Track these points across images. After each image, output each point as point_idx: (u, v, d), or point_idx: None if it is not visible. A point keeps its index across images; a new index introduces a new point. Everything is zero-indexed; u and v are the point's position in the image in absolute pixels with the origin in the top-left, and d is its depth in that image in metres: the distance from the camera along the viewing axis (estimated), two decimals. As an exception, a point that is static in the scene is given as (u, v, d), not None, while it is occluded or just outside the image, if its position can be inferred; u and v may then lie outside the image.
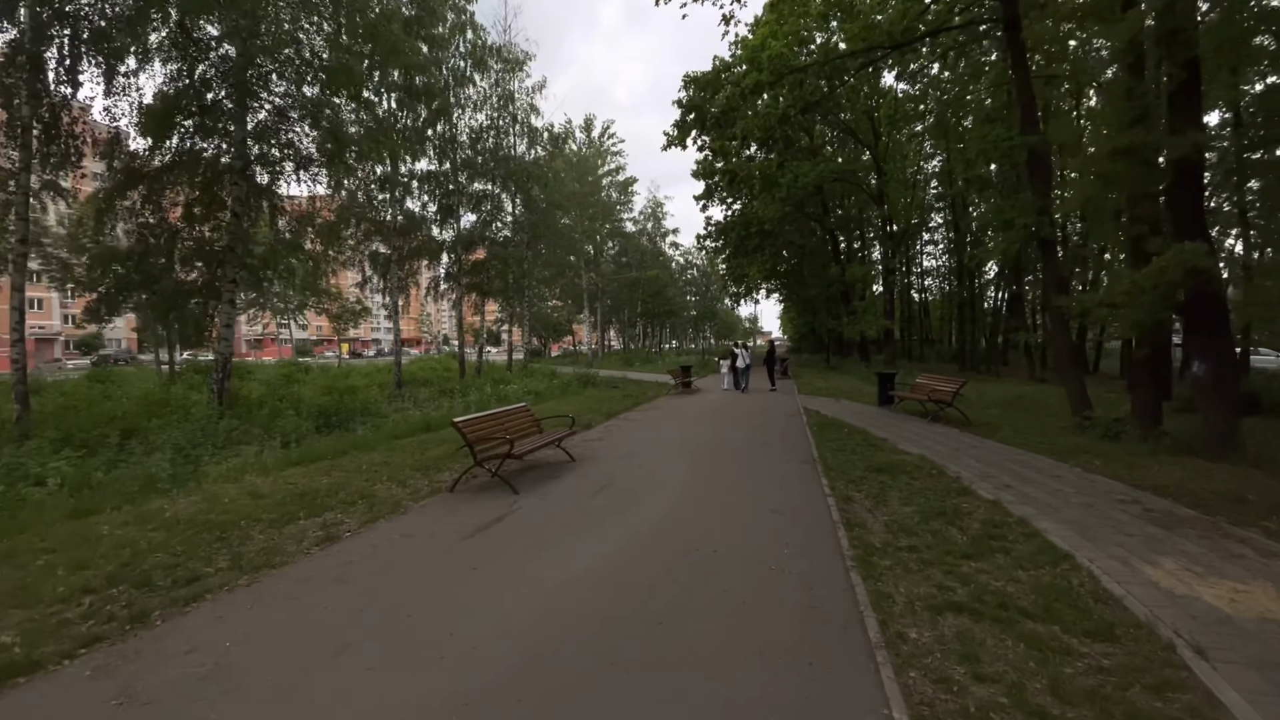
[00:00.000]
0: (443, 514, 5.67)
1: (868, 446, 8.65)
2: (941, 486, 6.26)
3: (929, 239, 42.16)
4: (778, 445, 9.13)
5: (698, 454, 8.49)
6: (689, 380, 20.12)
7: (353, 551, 4.69)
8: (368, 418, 13.68)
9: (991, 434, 9.80)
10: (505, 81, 23.96)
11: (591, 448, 9.10)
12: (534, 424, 8.04)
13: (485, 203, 24.31)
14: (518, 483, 6.75)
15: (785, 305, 58.88)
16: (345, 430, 12.20)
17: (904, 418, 11.91)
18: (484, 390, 18.07)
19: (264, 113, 13.48)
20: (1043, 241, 10.88)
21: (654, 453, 8.62)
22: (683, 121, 13.38)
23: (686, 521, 5.29)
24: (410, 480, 7.01)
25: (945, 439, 9.34)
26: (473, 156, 23.67)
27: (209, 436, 10.17)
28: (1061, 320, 10.78)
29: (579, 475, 7.22)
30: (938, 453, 8.10)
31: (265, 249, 14.90)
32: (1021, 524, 4.93)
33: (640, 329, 56.05)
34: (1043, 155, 11.10)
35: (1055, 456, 7.80)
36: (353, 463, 8.14)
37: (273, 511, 5.68)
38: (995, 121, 16.50)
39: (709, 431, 10.64)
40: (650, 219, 50.41)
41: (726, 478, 7.01)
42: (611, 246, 48.14)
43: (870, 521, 5.15)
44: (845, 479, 6.70)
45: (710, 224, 33.22)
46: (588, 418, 12.25)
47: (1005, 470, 6.99)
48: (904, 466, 7.16)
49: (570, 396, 17.87)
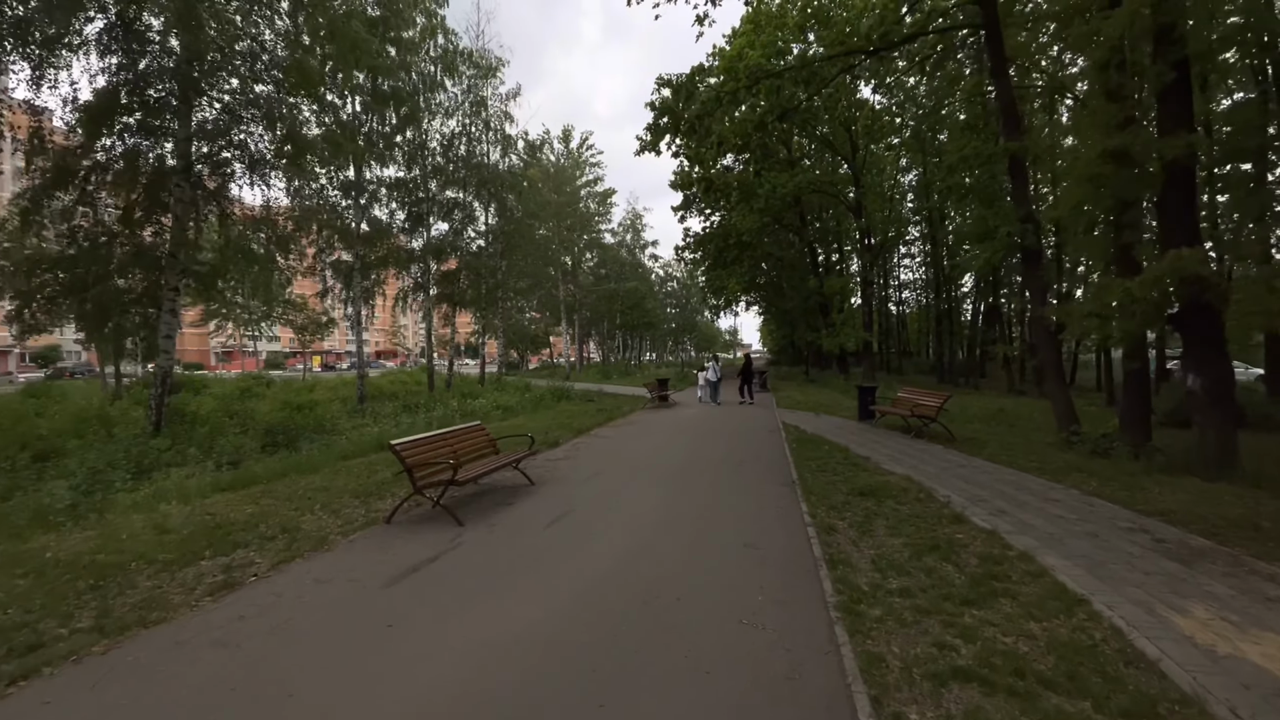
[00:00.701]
0: (371, 551, 4.94)
1: (850, 466, 8.11)
2: (931, 513, 5.71)
3: (906, 252, 42.53)
4: (754, 465, 8.54)
5: (668, 475, 7.85)
6: (666, 394, 19.54)
7: (251, 602, 3.95)
8: (321, 436, 12.81)
9: (978, 451, 9.34)
10: (478, 88, 23.39)
11: (555, 468, 8.42)
12: (489, 444, 7.34)
13: (456, 211, 23.61)
14: (465, 512, 6.05)
15: (764, 318, 58.92)
16: (293, 450, 11.35)
17: (886, 433, 11.44)
18: (449, 405, 17.28)
19: (212, 111, 12.70)
20: (1026, 250, 10.55)
21: (621, 474, 7.97)
22: (656, 125, 12.89)
23: (649, 559, 4.64)
24: (346, 509, 6.26)
25: (930, 457, 8.85)
26: (444, 164, 23.00)
27: (135, 458, 9.27)
28: (1047, 331, 10.42)
29: (536, 501, 6.53)
30: (924, 473, 7.58)
31: (216, 256, 13.99)
32: (1024, 559, 4.38)
33: (619, 341, 55.40)
34: (1024, 162, 10.83)
35: (1047, 476, 7.33)
36: (288, 488, 7.36)
37: (174, 550, 4.91)
38: (975, 129, 16.34)
39: (683, 449, 10.02)
40: (629, 230, 50.10)
41: (698, 503, 6.38)
42: (590, 258, 47.63)
43: (856, 557, 4.56)
44: (827, 504, 6.12)
45: (688, 235, 32.85)
46: (556, 434, 11.57)
47: (997, 493, 6.48)
48: (889, 489, 6.61)
49: (542, 411, 17.14)
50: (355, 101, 17.85)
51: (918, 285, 45.88)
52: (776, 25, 22.28)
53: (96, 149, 11.72)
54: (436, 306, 23.54)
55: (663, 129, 12.83)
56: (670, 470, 8.20)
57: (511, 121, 25.46)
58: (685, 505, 6.30)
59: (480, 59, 23.25)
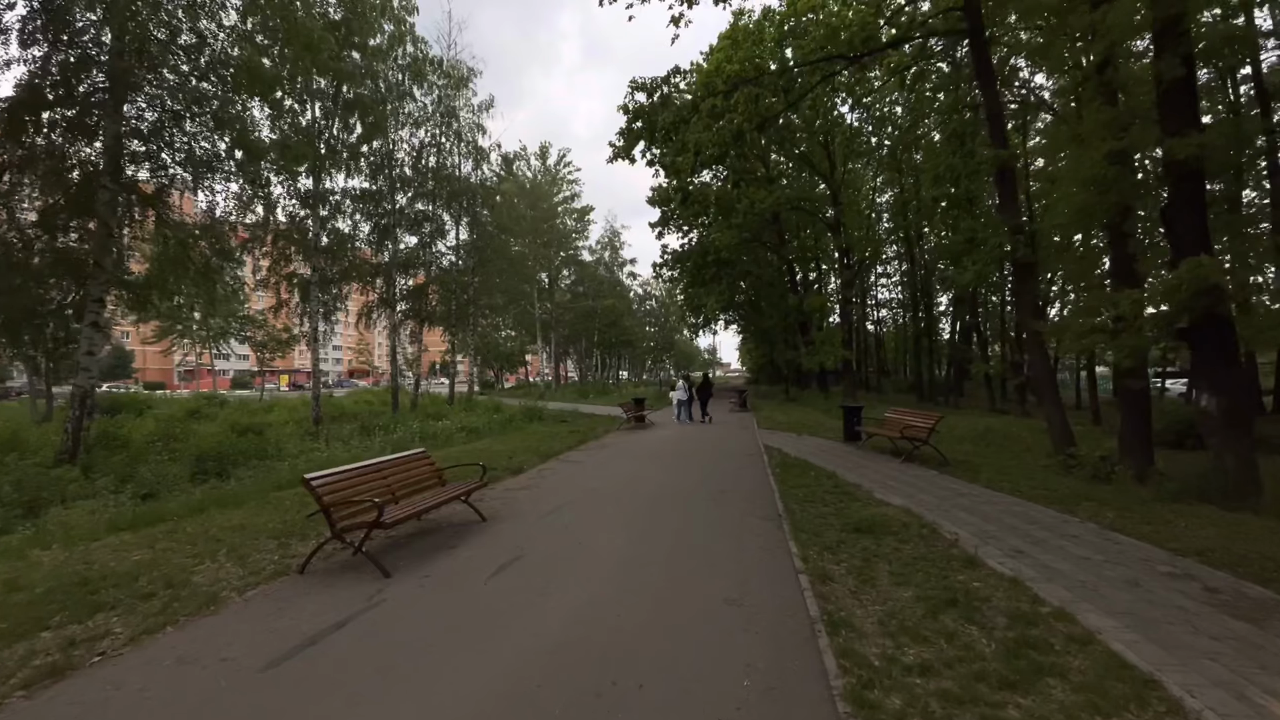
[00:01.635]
0: (266, 615, 3.99)
1: (840, 495, 7.34)
2: (939, 555, 4.95)
3: (882, 271, 42.63)
4: (736, 494, 7.73)
5: (640, 507, 7.00)
6: (642, 414, 18.69)
7: (76, 698, 2.99)
8: (263, 462, 11.68)
9: (974, 476, 8.67)
10: (449, 98, 22.69)
11: (514, 500, 7.50)
12: (434, 475, 6.42)
13: (426, 224, 22.71)
14: (397, 557, 5.12)
15: (743, 337, 58.64)
16: (226, 479, 10.24)
17: (874, 456, 10.74)
18: (411, 427, 16.21)
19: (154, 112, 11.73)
20: (1017, 263, 10.06)
21: (587, 507, 7.09)
22: (629, 129, 12.24)
23: (609, 623, 3.78)
24: (257, 554, 5.29)
25: (926, 484, 8.14)
26: (412, 175, 22.16)
27: (32, 491, 8.10)
28: (1040, 349, 9.90)
29: (483, 543, 5.62)
30: (923, 503, 6.85)
31: (153, 266, 12.88)
32: (1062, 618, 3.62)
33: (596, 360, 54.53)
34: (1012, 172, 10.40)
35: (1056, 506, 6.64)
36: (200, 526, 6.35)
37: (18, 614, 3.93)
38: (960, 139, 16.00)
39: (657, 476, 9.17)
40: (607, 248, 49.60)
41: (671, 542, 5.53)
42: (567, 275, 46.93)
43: (860, 617, 3.76)
44: (819, 544, 5.32)
45: (666, 252, 32.38)
46: (521, 460, 10.64)
47: (1008, 528, 5.77)
48: (888, 524, 5.85)
49: (510, 433, 16.17)
50: (315, 107, 16.98)
51: (894, 304, 46.08)
52: (754, 41, 22.12)
53: (16, 146, 10.66)
54: (403, 323, 22.49)
55: (636, 134, 12.19)
56: (642, 501, 7.34)
57: (484, 133, 24.80)
58: (657, 545, 5.45)
59: (451, 69, 22.60)
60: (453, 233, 24.93)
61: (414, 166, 22.36)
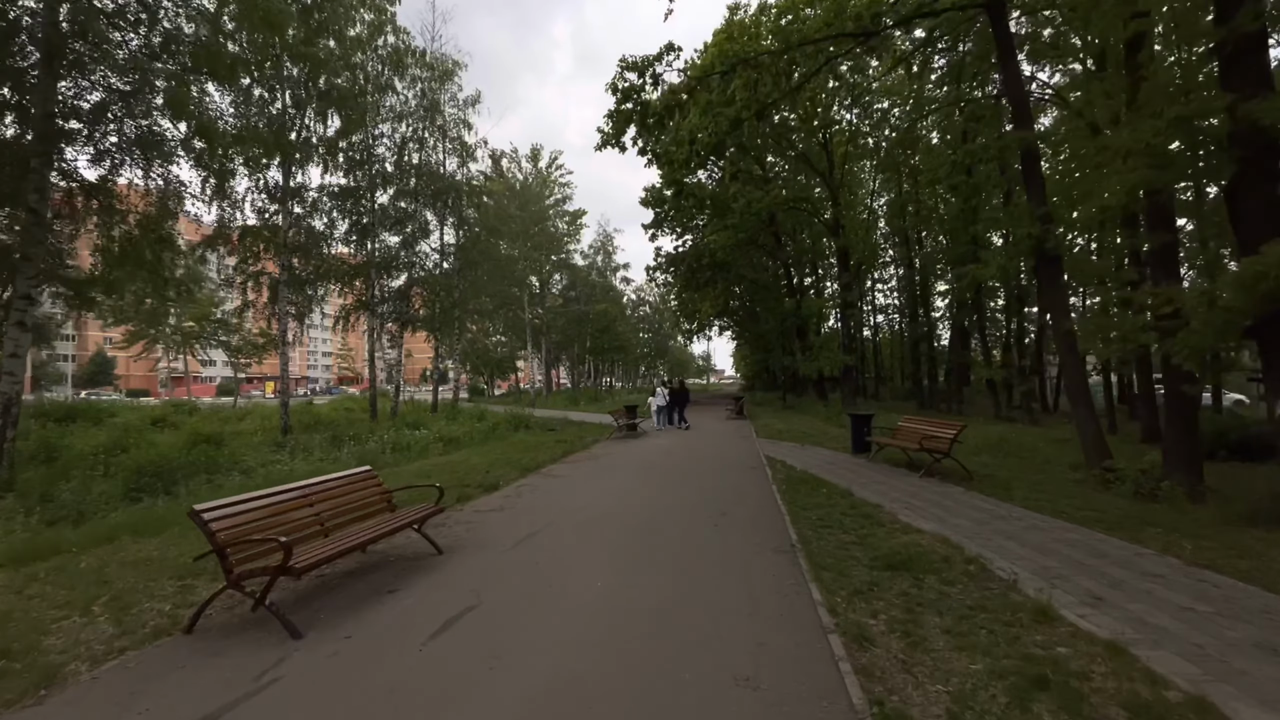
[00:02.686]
0: (109, 706, 2.93)
1: (861, 519, 6.33)
2: (998, 601, 3.95)
3: (879, 276, 41.83)
4: (739, 517, 6.70)
5: (627, 535, 5.96)
6: (635, 422, 17.66)
7: None
8: (212, 477, 10.55)
9: (1006, 494, 7.69)
10: (432, 91, 21.71)
11: (480, 525, 6.45)
12: (380, 499, 5.36)
13: (409, 223, 21.66)
14: (320, 607, 4.07)
15: (738, 343, 57.74)
16: (166, 496, 9.12)
17: (888, 470, 9.75)
18: (385, 436, 15.10)
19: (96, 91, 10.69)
20: (1044, 256, 9.13)
21: (565, 534, 6.05)
22: (618, 111, 11.22)
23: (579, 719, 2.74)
24: (146, 601, 4.23)
25: (954, 503, 7.15)
26: (393, 172, 21.13)
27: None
28: (1071, 351, 8.96)
29: (432, 585, 4.56)
30: (958, 529, 5.86)
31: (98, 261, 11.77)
32: (1202, 709, 2.62)
33: (588, 366, 53.44)
34: (1037, 156, 9.50)
35: (1118, 533, 5.66)
36: (98, 560, 5.31)
37: None
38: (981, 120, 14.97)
39: (649, 494, 8.13)
40: (600, 252, 48.63)
41: (663, 587, 4.50)
42: (559, 280, 45.91)
43: (921, 707, 2.74)
44: (847, 587, 4.31)
45: (660, 255, 31.46)
46: (499, 474, 9.59)
47: (1071, 562, 4.77)
48: (925, 558, 4.84)
49: (493, 443, 15.10)
50: (286, 96, 15.94)
51: (891, 310, 45.30)
52: (750, 37, 21.32)
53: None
54: (384, 327, 21.38)
55: (626, 115, 11.19)
56: (630, 527, 6.30)
57: (470, 130, 23.83)
58: (646, 590, 4.41)
59: (435, 61, 21.63)
60: (437, 233, 23.92)
61: (396, 163, 21.34)
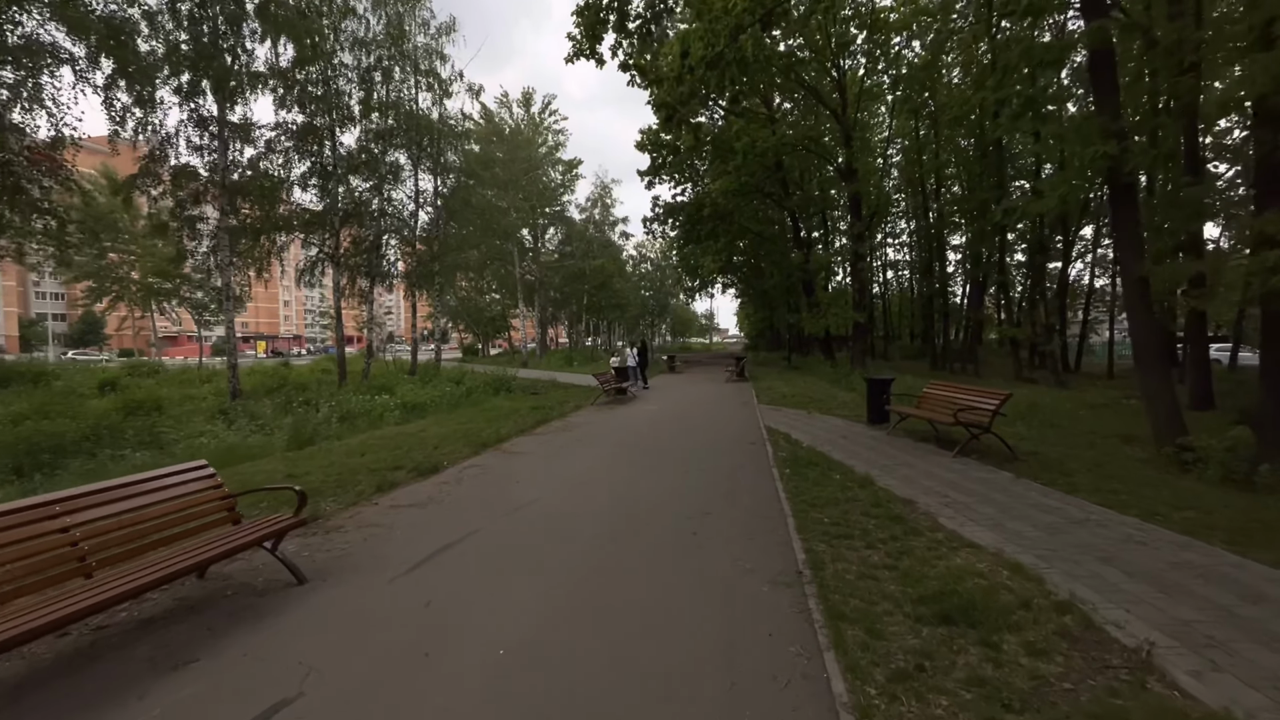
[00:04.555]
0: None
1: (889, 522, 4.77)
2: (1133, 698, 2.40)
3: (889, 230, 39.46)
4: (727, 520, 5.15)
5: (571, 554, 4.42)
6: (624, 386, 16.10)
7: None
8: (122, 451, 9.10)
9: (1067, 482, 6.11)
10: (399, 17, 19.32)
11: (384, 531, 4.91)
12: (218, 507, 3.81)
13: (378, 167, 19.63)
14: (49, 699, 2.54)
15: (742, 300, 55.71)
16: (47, 474, 7.67)
17: (911, 446, 8.18)
18: (348, 402, 13.62)
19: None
20: (1116, 184, 7.29)
21: (487, 552, 4.51)
22: (587, 6, 9.04)
23: None
24: None
25: (1005, 496, 5.58)
26: (360, 109, 18.99)
27: None
28: (1144, 302, 7.24)
29: (255, 651, 3.03)
30: (1025, 540, 4.30)
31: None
32: None
33: (585, 325, 51.68)
34: (1112, 57, 7.55)
35: (1249, 548, 4.08)
36: None
37: None
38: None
39: (618, 483, 6.58)
40: (597, 204, 46.12)
41: (597, 662, 2.96)
42: (554, 234, 43.70)
43: None
44: (885, 663, 2.75)
45: (658, 205, 29.30)
46: (447, 450, 8.08)
47: (1217, 611, 3.20)
48: (994, 601, 3.28)
49: (463, 410, 13.59)
50: (217, 10, 13.75)
51: (901, 266, 43.09)
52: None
53: None
54: (354, 282, 19.65)
55: (594, 7, 9.01)
56: (579, 539, 4.76)
57: (445, 61, 21.48)
58: (575, 663, 2.87)
59: (400, -20, 19.16)
60: (412, 179, 21.87)
61: (364, 101, 19.15)
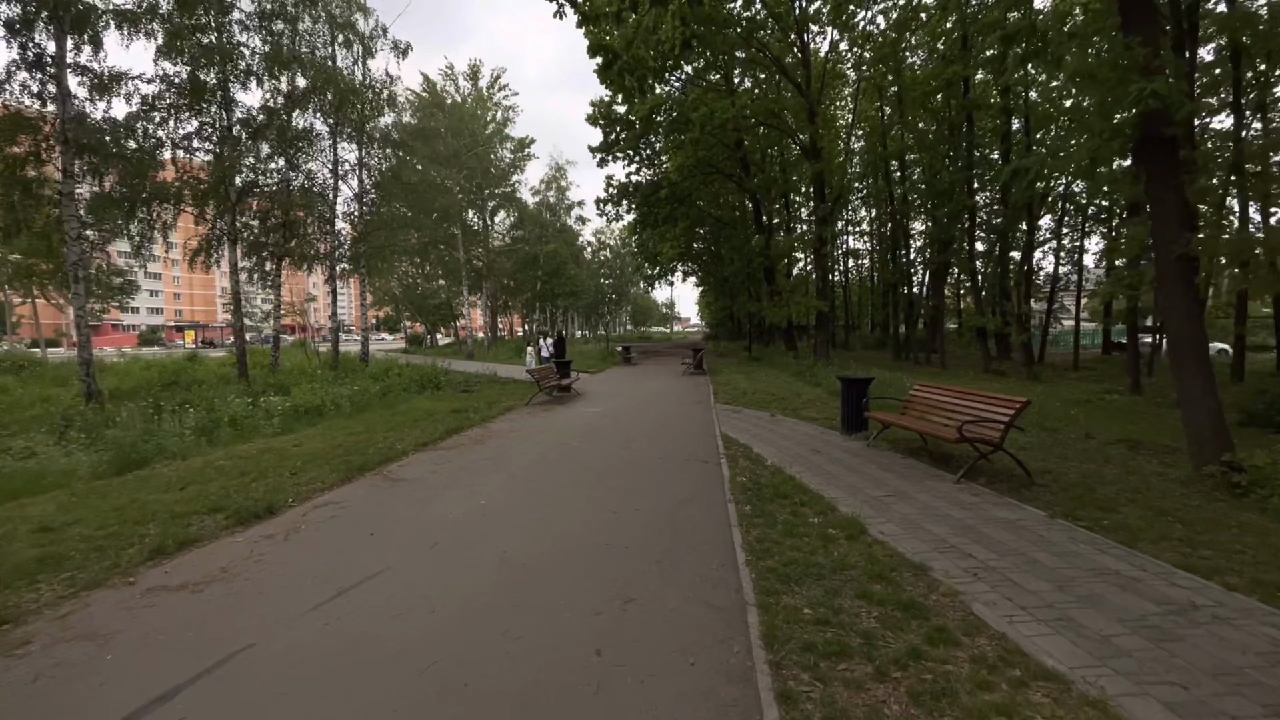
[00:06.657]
0: None
1: (900, 612, 3.12)
2: None
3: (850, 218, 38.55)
4: (659, 613, 3.44)
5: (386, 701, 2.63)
6: (567, 384, 14.24)
7: None
8: None
9: (1109, 522, 4.63)
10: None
11: (115, 640, 2.99)
12: None
13: (286, 130, 17.08)
14: None
15: (702, 289, 54.38)
16: None
17: (901, 465, 6.66)
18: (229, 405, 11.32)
19: None
20: (1152, 138, 5.86)
21: (258, 682, 2.67)
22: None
23: None
24: None
25: (1054, 557, 4.03)
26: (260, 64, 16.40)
27: None
28: (1186, 284, 5.87)
29: None
30: (1104, 644, 2.73)
31: None
32: None
33: (539, 314, 49.33)
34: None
35: None
36: None
37: None
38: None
39: (517, 529, 4.77)
40: (551, 187, 43.72)
41: None
42: (505, 218, 41.19)
43: None
44: None
45: (611, 185, 27.39)
46: (308, 478, 6.14)
47: None
48: None
49: (371, 412, 11.51)
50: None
51: (861, 254, 42.35)
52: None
53: None
54: (256, 262, 17.11)
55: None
56: (410, 661, 2.97)
57: (367, 15, 18.96)
58: None
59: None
60: (331, 149, 19.31)
61: (268, 55, 16.54)
